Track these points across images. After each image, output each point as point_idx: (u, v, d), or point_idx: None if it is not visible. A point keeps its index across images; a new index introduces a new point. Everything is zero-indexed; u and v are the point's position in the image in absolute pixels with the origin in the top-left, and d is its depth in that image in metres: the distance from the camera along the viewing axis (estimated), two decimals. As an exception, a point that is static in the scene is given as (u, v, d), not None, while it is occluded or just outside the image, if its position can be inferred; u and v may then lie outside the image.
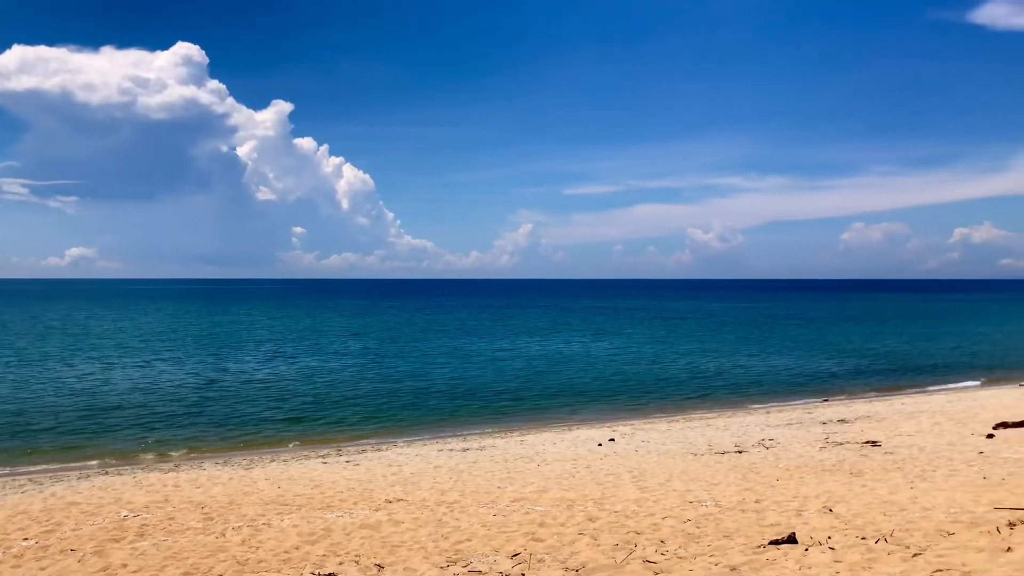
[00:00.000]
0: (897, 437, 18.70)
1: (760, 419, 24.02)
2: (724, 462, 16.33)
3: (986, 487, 12.38)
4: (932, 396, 28.21)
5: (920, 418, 21.54)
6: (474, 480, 14.84)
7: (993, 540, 7.70)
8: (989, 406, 22.91)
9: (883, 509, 10.60)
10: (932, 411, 22.84)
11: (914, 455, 16.27)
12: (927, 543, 7.83)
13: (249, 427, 24.45)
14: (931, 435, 18.71)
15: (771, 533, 9.15)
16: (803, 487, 12.89)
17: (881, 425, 20.81)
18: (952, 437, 18.27)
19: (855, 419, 22.27)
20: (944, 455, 16.05)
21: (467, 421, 25.81)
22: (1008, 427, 18.85)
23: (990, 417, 20.49)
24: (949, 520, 9.65)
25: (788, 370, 38.49)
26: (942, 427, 19.79)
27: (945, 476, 13.80)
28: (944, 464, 15.03)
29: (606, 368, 39.36)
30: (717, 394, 31.28)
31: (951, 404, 24.40)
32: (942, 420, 20.88)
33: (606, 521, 10.54)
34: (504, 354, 46.21)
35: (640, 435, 21.52)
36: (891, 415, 22.72)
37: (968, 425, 19.75)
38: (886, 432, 19.49)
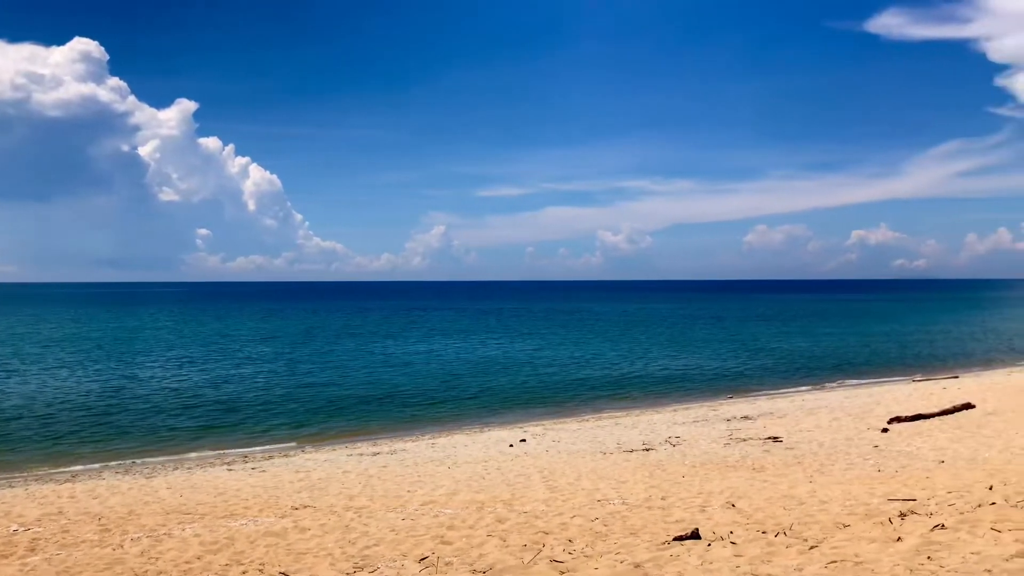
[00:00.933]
0: (798, 433, 19.28)
1: (668, 417, 24.44)
2: (632, 460, 16.56)
3: (880, 479, 12.88)
4: (831, 392, 29.19)
5: (819, 414, 22.25)
6: (383, 485, 14.71)
7: (885, 531, 7.99)
8: (884, 401, 23.82)
9: (783, 503, 10.91)
10: (831, 407, 23.62)
11: (814, 450, 16.81)
12: (824, 535, 8.08)
13: (155, 435, 23.69)
14: (830, 430, 19.35)
15: (676, 529, 9.32)
16: (708, 483, 13.17)
17: (783, 421, 21.42)
18: (849, 432, 18.93)
19: (758, 416, 22.87)
20: (842, 449, 16.63)
21: (379, 425, 25.55)
22: (901, 421, 19.63)
23: (885, 412, 21.31)
24: (845, 512, 10.00)
25: (696, 369, 39.29)
26: (840, 422, 20.49)
27: (842, 470, 14.30)
28: (842, 458, 15.56)
29: (520, 369, 39.53)
30: (627, 393, 31.71)
31: (849, 400, 25.28)
32: (840, 415, 21.61)
33: (515, 522, 10.57)
34: (419, 357, 45.92)
35: (551, 435, 21.66)
36: (792, 411, 23.41)
37: (864, 420, 20.50)
38: (787, 428, 20.07)
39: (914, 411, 20.80)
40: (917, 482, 12.27)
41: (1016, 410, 20.12)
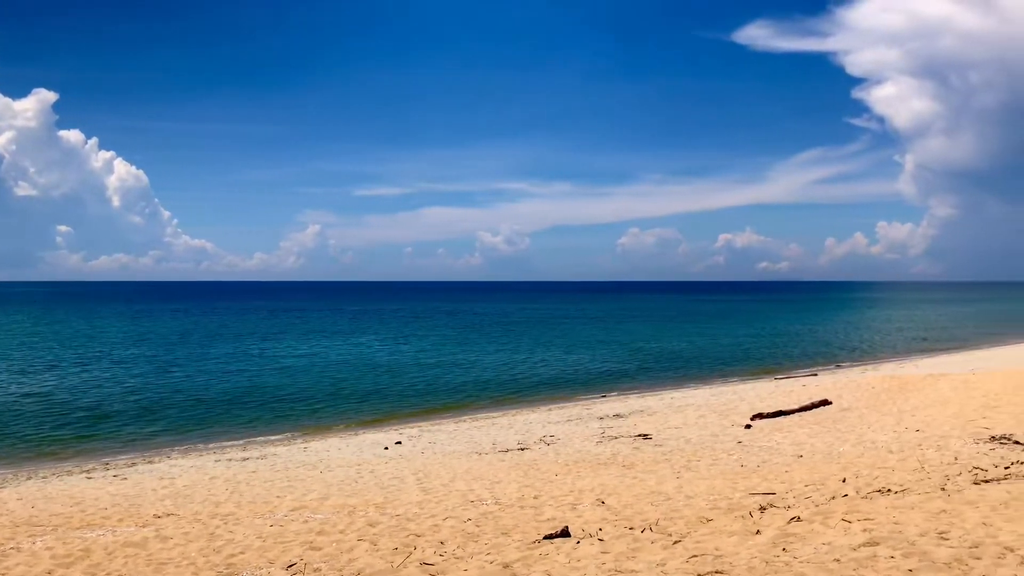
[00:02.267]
0: (667, 430, 19.80)
1: (543, 416, 24.70)
2: (507, 460, 16.66)
3: (743, 474, 13.36)
4: (699, 390, 30.11)
5: (687, 411, 22.92)
6: (252, 490, 14.30)
7: (745, 524, 8.29)
8: (748, 399, 24.73)
9: (651, 499, 11.18)
10: (698, 404, 24.36)
11: (681, 446, 17.29)
12: (688, 530, 8.31)
13: (7, 444, 22.31)
14: (697, 427, 19.96)
15: (547, 528, 9.41)
16: (580, 481, 13.36)
17: (653, 419, 21.96)
18: (715, 428, 19.56)
19: (629, 414, 23.38)
20: (707, 445, 17.17)
21: (251, 429, 24.84)
22: (763, 417, 20.43)
23: (748, 409, 22.12)
24: (709, 507, 10.31)
25: (572, 368, 39.89)
26: (706, 419, 21.15)
27: (708, 465, 14.76)
28: (707, 454, 16.06)
29: (398, 371, 39.18)
30: (505, 393, 31.89)
31: (715, 398, 26.14)
32: (707, 413, 22.30)
33: (387, 525, 10.46)
34: (297, 359, 44.85)
35: (427, 437, 21.56)
36: (662, 409, 24.03)
37: (729, 417, 21.22)
38: (657, 425, 20.59)
39: (775, 408, 21.68)
40: (777, 476, 12.79)
41: (869, 406, 21.23)
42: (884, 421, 18.72)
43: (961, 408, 19.39)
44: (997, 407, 19.04)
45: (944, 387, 22.92)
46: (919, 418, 18.68)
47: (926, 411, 19.61)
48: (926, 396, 21.81)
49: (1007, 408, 18.75)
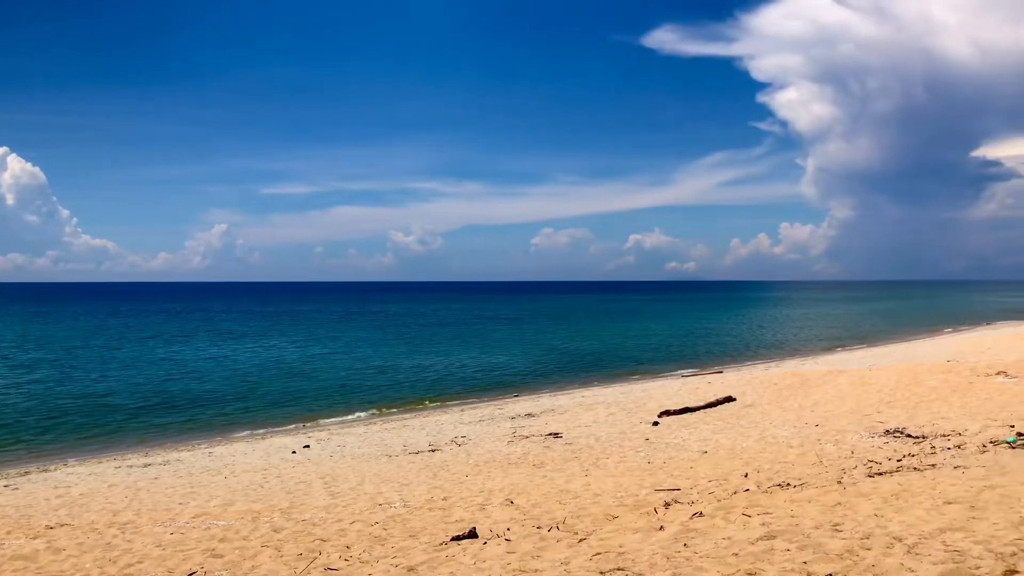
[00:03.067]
0: (577, 428, 19.98)
1: (456, 417, 24.64)
2: (417, 462, 16.56)
3: (649, 471, 13.55)
4: (609, 388, 30.49)
5: (597, 409, 23.17)
6: (153, 498, 13.86)
7: (650, 520, 8.41)
8: (656, 396, 25.14)
9: (559, 498, 11.24)
10: (608, 402, 24.65)
11: (591, 444, 17.47)
12: (594, 527, 8.39)
13: None
14: (606, 425, 20.19)
15: (455, 529, 9.38)
16: (489, 481, 13.37)
17: (563, 417, 22.13)
18: (624, 426, 19.82)
19: (541, 413, 23.52)
20: (616, 443, 17.38)
21: (154, 434, 24.09)
22: (670, 414, 20.79)
23: (656, 406, 22.48)
24: (616, 504, 10.42)
25: (485, 368, 39.92)
26: (616, 417, 21.41)
27: (616, 462, 14.94)
28: (616, 451, 16.26)
29: (311, 373, 38.58)
30: (417, 394, 31.68)
31: (624, 395, 26.50)
32: (616, 411, 22.58)
33: (292, 531, 10.26)
34: (205, 362, 43.63)
35: (337, 440, 21.27)
36: (572, 407, 24.24)
37: (637, 414, 21.53)
38: (567, 424, 20.76)
39: (682, 405, 22.08)
40: (682, 472, 13.02)
41: (771, 402, 21.82)
42: (785, 416, 19.26)
43: (858, 403, 20.10)
44: (891, 402, 19.81)
45: (843, 383, 23.72)
46: (819, 413, 19.28)
47: (825, 406, 20.25)
48: (825, 392, 22.52)
49: (900, 403, 19.52)
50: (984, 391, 20.01)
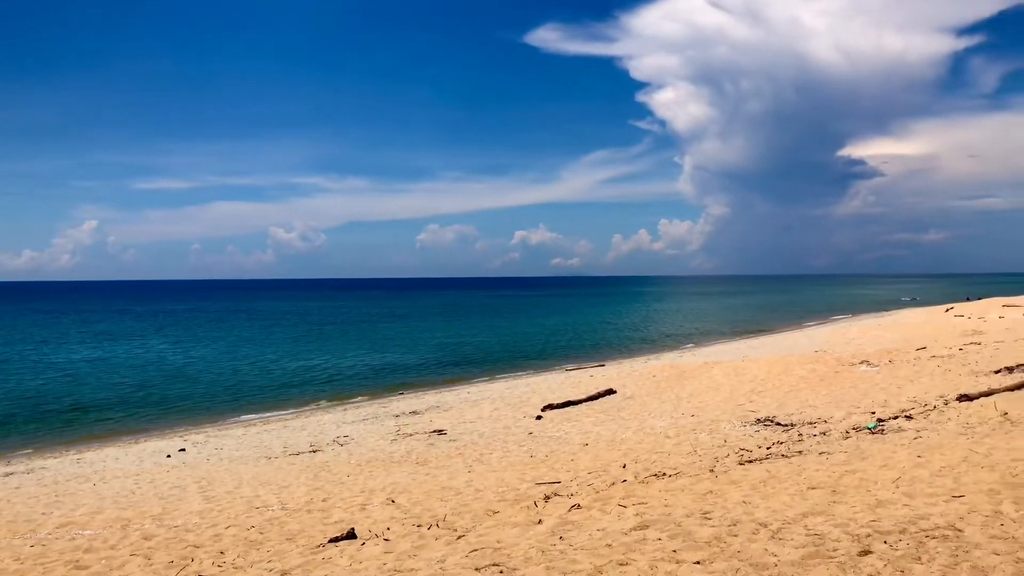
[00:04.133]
0: (461, 424, 19.99)
1: (338, 416, 24.27)
2: (298, 463, 16.24)
3: (531, 464, 13.69)
4: (494, 384, 30.62)
5: (482, 405, 23.24)
6: (13, 508, 13.13)
7: (529, 514, 8.49)
8: (540, 391, 25.41)
9: (441, 495, 11.22)
10: (493, 398, 24.76)
11: (475, 440, 17.51)
12: (474, 524, 8.41)
13: None
14: (490, 420, 20.28)
15: (334, 531, 9.23)
16: (371, 481, 13.23)
17: (448, 414, 22.11)
18: (508, 421, 19.96)
19: (425, 410, 23.42)
20: (500, 438, 17.48)
21: (19, 441, 22.81)
22: (553, 408, 21.06)
23: (540, 400, 22.72)
24: (497, 499, 10.47)
25: (371, 365, 39.44)
26: (500, 412, 21.54)
27: (499, 458, 15.02)
28: (499, 446, 16.35)
29: (190, 374, 37.27)
30: (299, 393, 31.07)
31: (509, 391, 26.67)
32: (501, 406, 22.71)
33: (164, 538, 9.90)
34: (77, 365, 41.52)
35: (214, 442, 20.65)
36: (457, 404, 24.24)
37: (521, 409, 21.71)
38: (452, 420, 20.75)
39: (565, 398, 22.40)
40: (563, 465, 13.20)
41: (650, 394, 22.37)
42: (663, 408, 19.78)
43: (731, 393, 20.82)
44: (763, 391, 20.60)
45: (717, 374, 24.51)
46: (694, 404, 19.88)
47: (701, 397, 20.90)
48: (701, 383, 23.23)
49: (771, 392, 20.32)
50: (848, 380, 21.04)
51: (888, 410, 15.30)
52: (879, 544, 6.13)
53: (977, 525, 6.57)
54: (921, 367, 21.89)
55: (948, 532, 6.39)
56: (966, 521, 6.68)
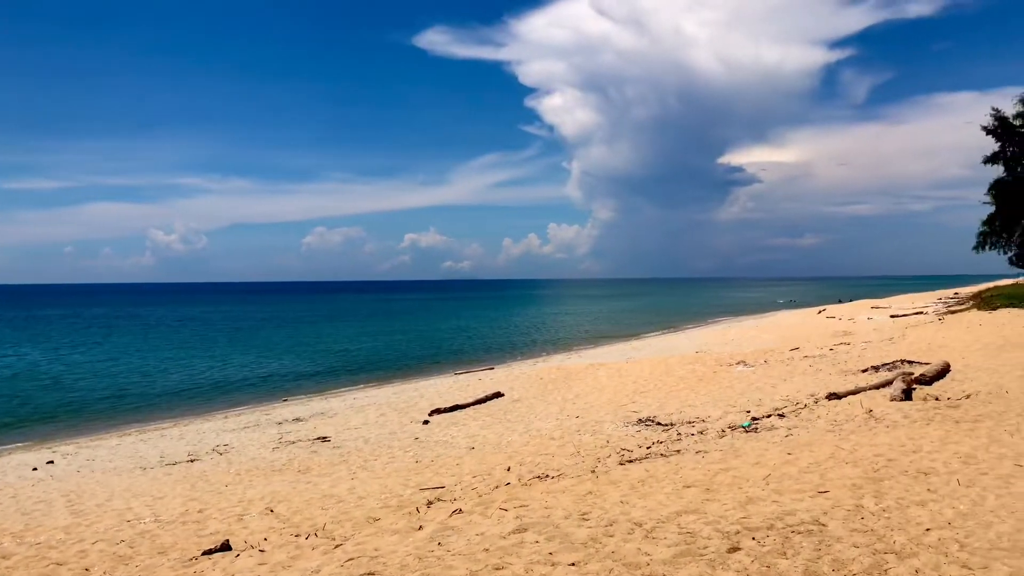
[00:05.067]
0: (346, 431, 19.70)
1: (219, 424, 23.58)
2: (174, 473, 15.68)
3: (416, 470, 13.59)
4: (381, 389, 30.32)
5: (368, 411, 22.97)
6: None
7: (410, 521, 8.41)
8: (427, 395, 25.29)
9: (322, 503, 11.03)
10: (380, 403, 24.51)
11: (359, 447, 17.27)
12: (353, 532, 8.28)
13: None
14: (376, 426, 20.05)
15: (208, 543, 8.95)
16: (250, 490, 12.88)
17: (333, 421, 21.76)
18: (394, 427, 19.77)
19: (310, 417, 22.99)
20: (385, 444, 17.29)
21: None
22: (441, 412, 20.98)
23: (427, 405, 22.62)
24: (380, 506, 10.37)
25: (255, 372, 38.48)
26: (387, 418, 21.33)
27: (384, 464, 14.86)
28: (384, 453, 16.18)
29: (64, 382, 35.50)
30: (179, 401, 30.03)
31: (396, 396, 26.44)
32: (387, 411, 22.49)
33: (24, 556, 9.39)
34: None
35: (86, 453, 19.74)
36: (343, 410, 23.89)
37: (409, 414, 21.56)
38: (337, 427, 20.43)
39: (452, 403, 22.36)
40: (448, 470, 13.16)
41: (537, 396, 22.56)
42: (549, 410, 19.97)
43: (615, 394, 21.20)
44: (645, 392, 21.05)
45: (602, 375, 24.93)
46: (580, 405, 20.15)
47: (586, 398, 21.21)
48: (587, 384, 23.58)
49: (653, 393, 20.78)
50: (726, 379, 21.70)
51: (762, 409, 15.85)
52: (748, 540, 6.34)
53: (840, 519, 6.87)
54: (794, 367, 22.77)
55: (813, 527, 6.66)
56: (830, 516, 6.97)
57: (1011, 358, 19.29)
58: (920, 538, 6.33)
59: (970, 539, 6.29)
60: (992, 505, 7.23)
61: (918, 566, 5.74)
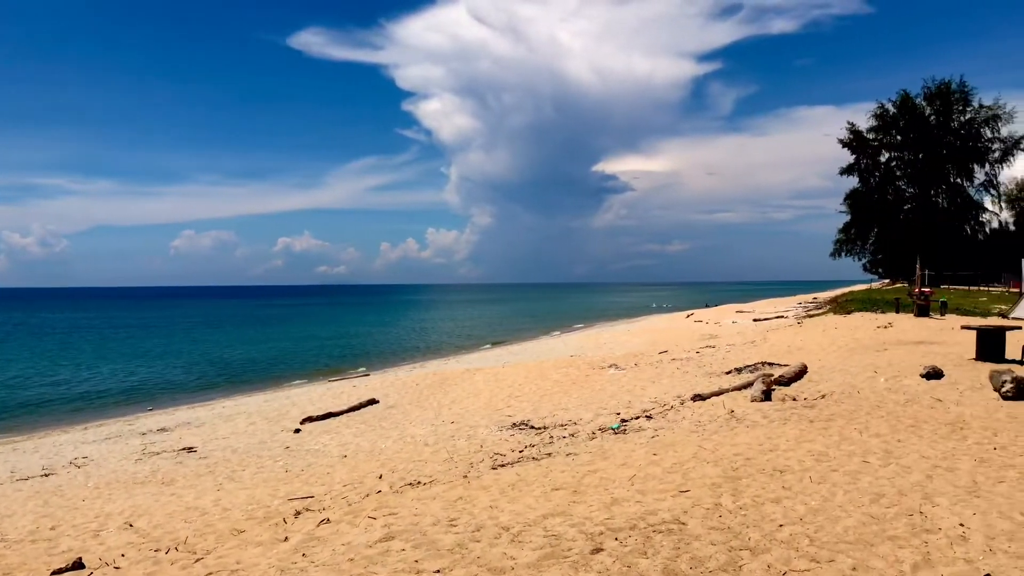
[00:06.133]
0: (214, 441, 19.11)
1: (78, 436, 22.46)
2: (25, 489, 14.85)
3: (286, 480, 13.31)
4: (252, 397, 29.55)
5: (238, 419, 22.35)
6: None
7: (276, 532, 8.23)
8: (300, 403, 24.79)
9: (186, 516, 10.66)
10: (250, 412, 23.88)
11: (227, 457, 16.78)
12: (216, 545, 8.04)
13: None
14: (245, 435, 19.52)
15: (59, 562, 8.52)
16: (109, 504, 12.34)
17: (200, 430, 21.07)
18: (264, 435, 19.29)
19: (176, 427, 22.19)
20: (255, 453, 16.86)
21: None
22: (313, 420, 20.60)
23: (299, 413, 22.17)
24: (246, 518, 10.10)
25: (119, 380, 36.87)
26: (257, 426, 20.79)
27: (252, 474, 14.48)
28: (254, 462, 15.77)
29: None
30: (34, 412, 28.46)
31: (268, 403, 25.82)
32: (258, 420, 21.94)
33: None
34: None
35: (-74, 470, 18.46)
36: (211, 419, 23.16)
37: (280, 422, 21.08)
38: (204, 437, 19.78)
39: (326, 410, 22.00)
40: (319, 479, 12.94)
41: (412, 402, 22.44)
42: (424, 415, 19.90)
43: (491, 399, 21.30)
44: (520, 396, 21.24)
45: (479, 380, 25.02)
46: (455, 410, 20.16)
47: (462, 403, 21.23)
48: (463, 389, 23.61)
49: (527, 396, 20.99)
50: (599, 382, 22.13)
51: (632, 410, 16.24)
52: (611, 541, 6.48)
53: (699, 518, 7.10)
54: (663, 369, 23.43)
55: (673, 526, 6.86)
56: (689, 514, 7.20)
57: (862, 360, 20.39)
58: (773, 534, 6.61)
59: (819, 533, 6.61)
60: (840, 500, 7.62)
61: (770, 561, 5.99)
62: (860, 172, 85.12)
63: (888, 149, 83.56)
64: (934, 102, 79.84)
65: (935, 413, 12.48)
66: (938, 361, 18.61)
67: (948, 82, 79.21)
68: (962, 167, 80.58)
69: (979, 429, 11.08)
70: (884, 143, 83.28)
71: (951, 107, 79.27)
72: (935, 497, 7.63)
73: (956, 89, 77.96)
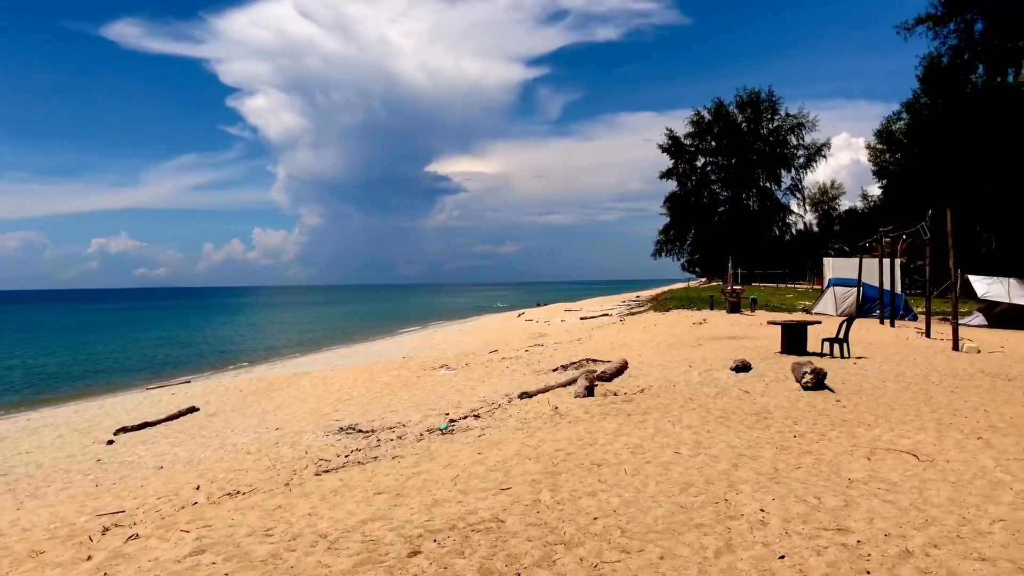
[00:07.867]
0: (16, 456, 17.80)
1: None
2: None
3: (95, 494, 12.58)
4: (61, 408, 27.67)
5: (44, 432, 20.91)
6: None
7: (79, 551, 7.77)
8: (114, 413, 23.48)
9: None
10: (58, 424, 22.39)
11: (31, 473, 15.68)
12: (10, 569, 7.50)
13: None
14: (52, 449, 18.30)
15: None
16: None
17: (1, 446, 19.57)
18: (74, 448, 18.15)
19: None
20: (62, 468, 15.84)
21: None
22: (128, 431, 19.56)
23: (113, 423, 20.99)
24: (47, 537, 9.47)
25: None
26: (65, 439, 19.54)
27: (58, 490, 13.61)
28: (60, 478, 14.81)
29: None
30: None
31: (78, 414, 24.29)
32: (66, 432, 20.61)
33: None
34: None
35: None
36: (14, 433, 21.54)
37: (91, 434, 19.89)
38: (5, 452, 18.33)
39: (142, 419, 20.94)
40: (131, 492, 12.31)
41: (235, 409, 21.70)
42: (248, 423, 19.28)
43: (318, 403, 20.90)
44: (349, 400, 20.95)
45: (306, 385, 24.49)
46: (280, 416, 19.64)
47: (288, 409, 20.72)
48: (289, 394, 23.05)
49: (356, 400, 20.74)
50: (429, 383, 22.15)
51: (460, 410, 16.34)
52: (429, 543, 6.49)
53: (517, 515, 7.23)
54: (492, 368, 23.72)
55: (492, 524, 6.95)
56: (508, 512, 7.32)
57: (679, 355, 21.37)
58: (588, 527, 6.82)
59: (631, 524, 6.88)
60: (652, 491, 7.96)
61: (583, 554, 6.17)
62: (678, 176, 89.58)
63: (704, 154, 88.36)
64: (745, 110, 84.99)
65: (742, 404, 13.26)
66: (747, 355, 19.77)
67: (758, 92, 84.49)
68: (771, 172, 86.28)
69: (781, 418, 11.86)
70: (700, 148, 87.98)
71: (760, 115, 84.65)
72: (739, 484, 8.10)
73: (765, 98, 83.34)
